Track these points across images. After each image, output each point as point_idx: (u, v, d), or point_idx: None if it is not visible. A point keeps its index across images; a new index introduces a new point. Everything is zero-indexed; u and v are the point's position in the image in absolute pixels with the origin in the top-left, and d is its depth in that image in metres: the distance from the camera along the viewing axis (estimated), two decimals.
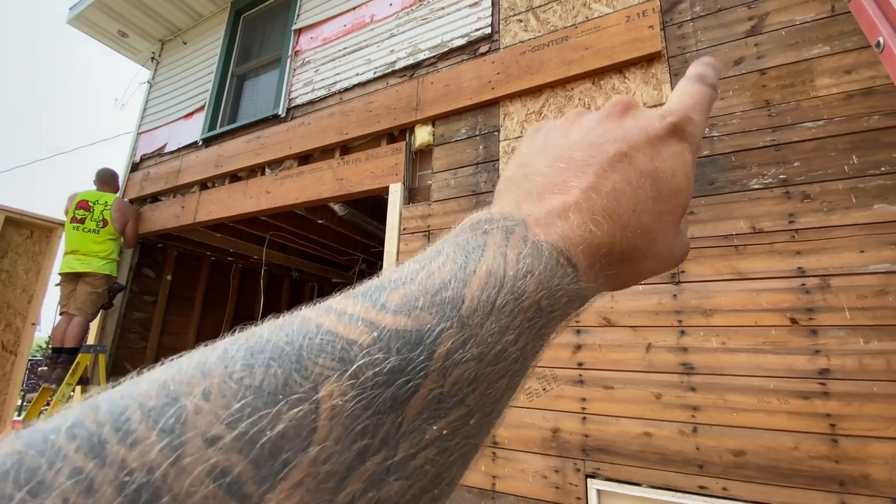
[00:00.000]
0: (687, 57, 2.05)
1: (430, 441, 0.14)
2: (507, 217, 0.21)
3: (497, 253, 0.19)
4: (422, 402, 0.14)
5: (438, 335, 0.15)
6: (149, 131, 4.68)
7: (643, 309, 1.82)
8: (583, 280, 0.21)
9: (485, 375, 0.16)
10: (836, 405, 1.48)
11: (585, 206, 0.22)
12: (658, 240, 0.24)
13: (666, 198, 0.24)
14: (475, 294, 0.17)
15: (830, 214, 1.63)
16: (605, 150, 0.24)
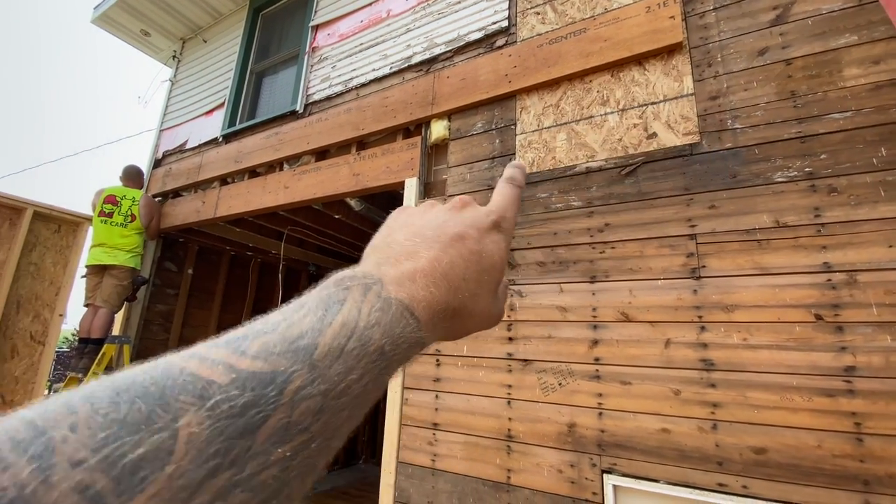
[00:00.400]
0: (709, 48, 2.01)
1: (274, 461, 0.17)
2: (368, 276, 0.26)
3: (353, 307, 0.23)
4: (271, 429, 0.17)
5: (290, 376, 0.18)
6: (171, 128, 4.78)
7: (662, 304, 1.80)
8: (423, 330, 0.26)
9: (329, 408, 0.19)
10: (862, 403, 1.44)
11: (430, 271, 0.28)
12: (480, 302, 0.31)
13: (487, 271, 0.31)
14: (328, 342, 0.21)
15: (858, 208, 1.58)
16: (447, 232, 0.31)
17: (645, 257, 1.89)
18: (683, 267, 1.80)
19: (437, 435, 2.16)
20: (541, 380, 1.97)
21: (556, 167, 2.24)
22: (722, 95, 1.92)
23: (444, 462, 2.10)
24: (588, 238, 2.04)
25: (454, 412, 2.15)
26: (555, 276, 2.08)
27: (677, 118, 1.99)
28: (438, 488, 2.08)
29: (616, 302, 1.90)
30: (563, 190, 2.19)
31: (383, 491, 2.23)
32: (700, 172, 1.88)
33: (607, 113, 2.18)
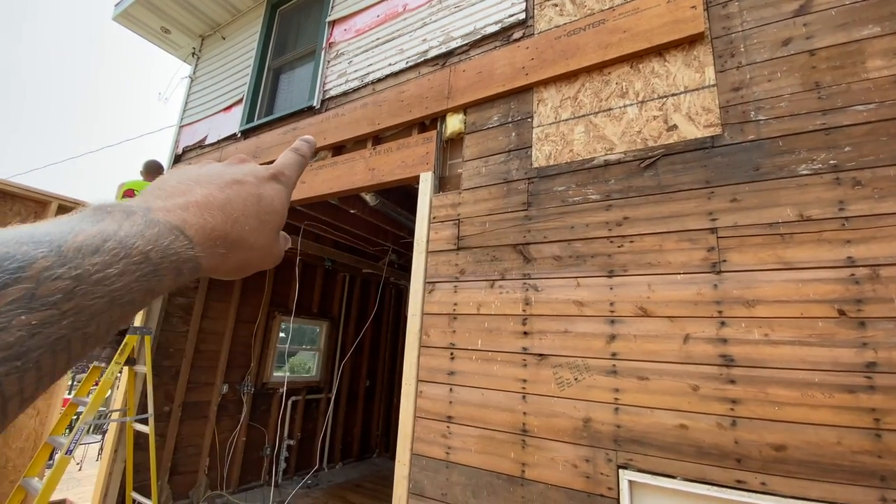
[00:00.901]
0: (732, 38, 1.97)
1: (17, 325, 0.19)
2: (131, 205, 0.28)
3: (112, 222, 0.25)
4: (13, 296, 0.19)
5: (32, 259, 0.20)
6: (190, 124, 4.87)
7: (681, 299, 1.78)
8: (196, 249, 0.29)
9: (83, 292, 0.22)
10: (882, 399, 1.41)
11: (204, 203, 0.31)
12: (261, 239, 0.35)
13: (267, 212, 0.36)
14: (81, 240, 0.23)
15: (882, 202, 1.54)
16: (224, 176, 0.35)
17: (664, 251, 1.87)
18: (704, 261, 1.78)
19: (451, 428, 2.18)
20: (556, 374, 1.97)
21: (573, 160, 2.22)
22: (745, 86, 1.89)
23: (459, 455, 2.11)
24: (606, 232, 2.03)
25: (468, 405, 2.16)
26: (571, 270, 2.07)
27: (698, 110, 1.96)
28: (452, 480, 2.09)
29: (634, 297, 1.88)
30: (580, 183, 2.17)
31: (397, 483, 2.25)
32: (722, 165, 1.85)
33: (626, 105, 2.16)
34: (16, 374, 0.19)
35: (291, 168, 0.42)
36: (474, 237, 2.42)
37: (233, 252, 0.33)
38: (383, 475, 6.11)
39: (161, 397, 4.42)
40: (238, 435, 5.15)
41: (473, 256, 2.38)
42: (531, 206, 2.28)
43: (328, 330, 6.46)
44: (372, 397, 7.27)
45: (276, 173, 0.39)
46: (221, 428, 5.03)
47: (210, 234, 0.30)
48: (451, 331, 2.33)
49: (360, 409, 6.90)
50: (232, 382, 5.18)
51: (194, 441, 4.81)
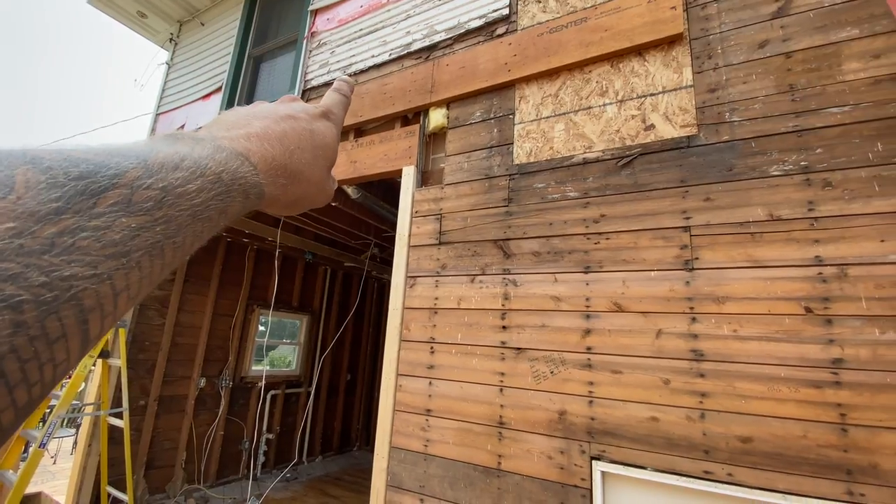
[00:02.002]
0: (710, 39, 2.00)
1: (119, 226, 0.20)
2: (197, 135, 0.29)
3: (184, 146, 0.26)
4: (112, 200, 0.20)
5: (124, 167, 0.22)
6: (167, 112, 4.74)
7: (655, 295, 1.82)
8: (260, 176, 0.31)
9: (170, 203, 0.23)
10: (848, 395, 1.46)
11: (263, 134, 0.33)
12: (316, 173, 0.37)
13: (320, 147, 0.38)
14: (161, 158, 0.24)
15: (852, 203, 1.59)
16: (279, 111, 0.36)
17: (639, 248, 1.90)
18: (677, 259, 1.81)
19: (429, 421, 2.19)
20: (533, 368, 1.99)
21: (553, 157, 2.24)
22: (721, 88, 1.92)
23: (437, 447, 2.13)
24: (583, 229, 2.05)
25: (447, 399, 2.17)
26: (549, 266, 2.09)
27: (675, 110, 1.99)
28: (430, 473, 2.11)
29: (609, 292, 1.91)
30: (559, 180, 2.19)
31: (376, 475, 2.25)
32: (696, 165, 1.88)
33: (606, 104, 2.18)
34: (123, 269, 0.21)
35: (338, 107, 0.43)
36: (456, 232, 2.42)
37: (292, 184, 0.34)
38: (363, 468, 6.11)
39: (136, 391, 4.33)
40: (216, 429, 5.08)
41: (455, 251, 2.39)
42: (512, 202, 2.29)
43: (309, 324, 6.40)
44: (353, 391, 7.24)
45: (325, 111, 0.41)
46: (199, 422, 4.96)
47: (271, 163, 0.32)
48: (431, 325, 2.33)
49: (341, 403, 6.88)
50: (210, 376, 5.10)
51: (171, 435, 4.73)
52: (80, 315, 0.19)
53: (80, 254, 0.19)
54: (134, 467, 4.11)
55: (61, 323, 0.18)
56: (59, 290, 0.18)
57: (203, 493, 4.79)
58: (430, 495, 2.08)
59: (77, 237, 0.19)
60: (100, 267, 0.19)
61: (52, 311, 0.18)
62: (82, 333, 0.19)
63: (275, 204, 0.34)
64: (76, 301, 0.19)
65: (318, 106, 0.41)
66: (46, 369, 0.18)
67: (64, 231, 0.18)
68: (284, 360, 8.80)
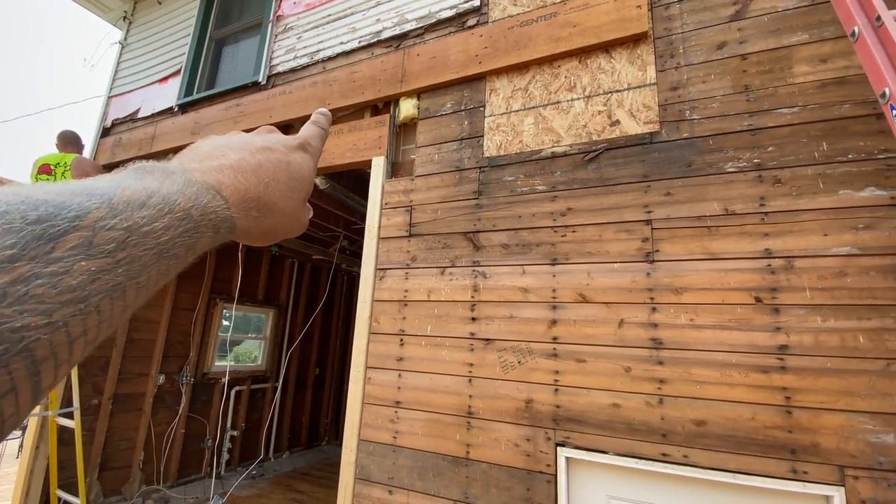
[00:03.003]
0: (672, 39, 2.07)
1: (78, 270, 0.20)
2: (168, 167, 0.29)
3: (153, 180, 0.26)
4: (72, 243, 0.20)
5: (86, 208, 0.21)
6: (121, 95, 4.48)
7: (618, 286, 1.88)
8: (232, 209, 0.30)
9: (134, 243, 0.23)
10: (793, 379, 1.56)
11: (237, 167, 0.32)
12: (290, 204, 0.37)
13: (296, 178, 0.38)
14: (128, 195, 0.24)
15: (799, 199, 1.69)
16: (255, 143, 0.36)
17: (603, 241, 1.95)
18: (639, 251, 1.88)
19: (399, 413, 2.19)
20: (501, 358, 2.02)
21: (522, 151, 2.26)
22: (682, 86, 1.99)
23: (406, 439, 2.13)
24: (551, 222, 2.09)
25: (417, 390, 2.17)
26: (518, 258, 2.12)
27: (640, 107, 2.05)
28: (399, 464, 2.11)
29: (575, 284, 1.96)
30: (528, 174, 2.21)
31: (344, 468, 2.24)
32: (658, 160, 1.95)
33: (574, 99, 2.21)
34: (80, 315, 0.20)
35: (316, 139, 0.44)
36: (426, 224, 2.41)
37: (264, 216, 0.34)
38: (332, 462, 6.06)
39: (89, 389, 4.12)
40: (176, 427, 4.91)
41: (425, 243, 2.38)
42: (482, 194, 2.30)
43: (275, 318, 6.26)
44: (322, 385, 7.15)
45: (303, 143, 0.41)
46: (158, 420, 4.77)
47: (244, 195, 0.32)
48: (401, 317, 2.32)
49: (309, 398, 6.78)
50: (169, 373, 4.91)
51: (127, 435, 4.53)
52: (31, 367, 0.18)
53: (33, 302, 0.18)
54: (87, 469, 3.92)
55: (11, 377, 0.17)
56: (8, 342, 0.17)
57: (163, 494, 4.62)
58: (399, 486, 2.09)
59: (31, 285, 0.18)
60: (55, 315, 0.19)
61: (1, 364, 0.17)
62: (33, 385, 0.19)
63: (247, 235, 0.34)
64: (27, 353, 0.18)
65: (295, 137, 0.41)
66: None
67: (17, 279, 0.18)
68: (250, 354, 8.58)
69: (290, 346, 6.09)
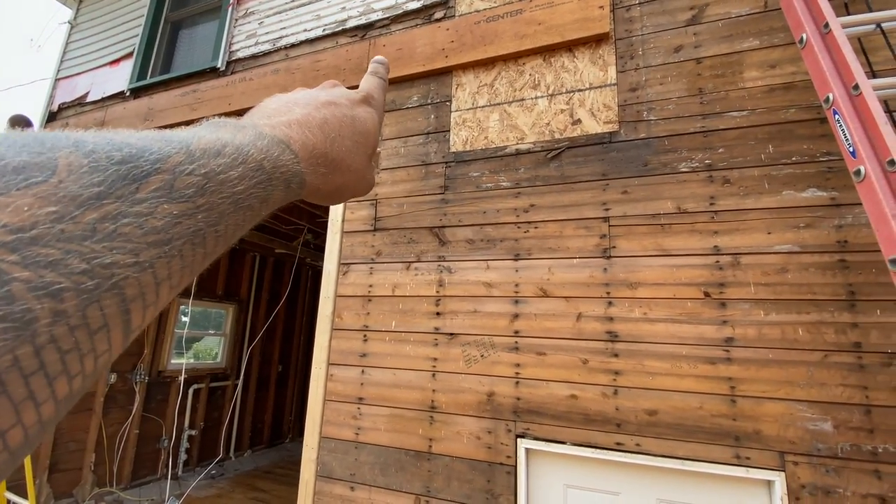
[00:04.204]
0: (633, 41, 2.12)
1: (161, 213, 0.20)
2: (239, 122, 0.29)
3: (226, 132, 0.26)
4: (154, 185, 0.20)
5: (166, 152, 0.21)
6: (69, 77, 4.21)
7: (576, 281, 1.92)
8: (301, 164, 0.30)
9: (212, 190, 0.23)
10: (737, 370, 1.65)
11: (304, 121, 0.32)
12: (357, 160, 0.36)
13: (361, 133, 0.37)
14: (204, 144, 0.24)
15: (745, 198, 1.78)
16: (319, 98, 0.35)
17: (564, 237, 1.99)
18: (596, 247, 1.93)
19: (361, 409, 2.17)
20: (465, 352, 2.04)
21: (488, 147, 2.27)
22: (640, 88, 2.05)
23: (368, 435, 2.12)
24: (514, 217, 2.11)
25: (380, 386, 2.16)
26: (482, 253, 2.13)
27: (600, 106, 2.09)
28: (361, 460, 2.10)
29: (536, 278, 1.99)
30: (493, 170, 2.23)
31: (304, 466, 2.20)
32: (616, 160, 2.00)
33: (538, 97, 2.24)
34: (165, 258, 0.20)
35: (379, 91, 0.42)
36: (392, 218, 2.39)
37: (333, 173, 0.33)
38: (296, 460, 5.95)
39: None
40: (130, 427, 4.70)
41: (390, 238, 2.36)
42: (448, 189, 2.30)
43: (235, 313, 6.07)
44: (285, 382, 7.00)
45: (366, 96, 0.40)
46: (109, 421, 4.55)
47: (312, 151, 0.31)
48: (365, 313, 2.30)
49: (272, 395, 6.62)
50: (121, 371, 4.69)
51: (76, 436, 4.31)
52: (121, 304, 0.18)
53: (121, 240, 0.18)
54: (35, 471, 3.70)
55: (103, 313, 0.17)
56: (100, 277, 0.17)
57: (116, 496, 4.42)
58: (361, 482, 2.07)
59: (119, 223, 0.18)
60: (141, 255, 0.19)
61: (94, 299, 0.17)
62: (124, 324, 0.19)
63: (316, 193, 0.33)
64: (118, 290, 0.18)
65: (358, 91, 0.40)
66: (87, 360, 0.17)
67: (106, 217, 0.18)
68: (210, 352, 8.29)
69: (252, 342, 5.93)
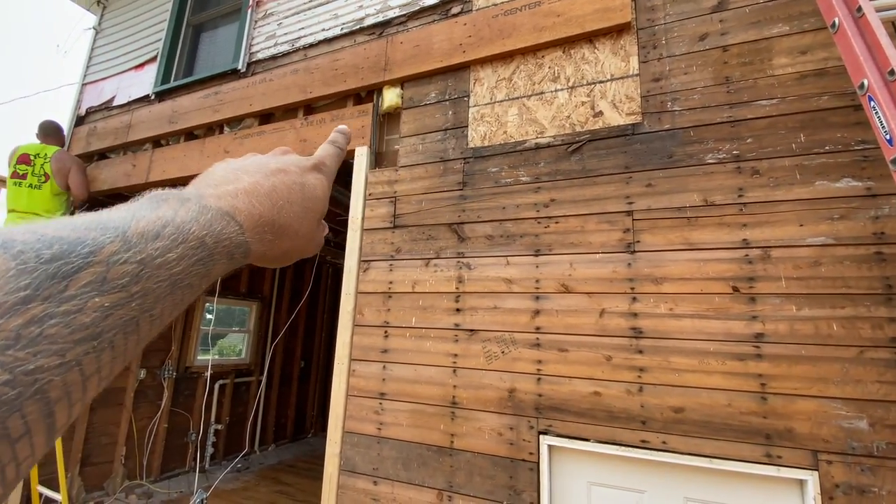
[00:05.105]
0: (655, 30, 2.07)
1: (91, 307, 0.20)
2: (183, 194, 0.29)
3: (168, 209, 0.26)
4: (86, 280, 0.20)
5: (101, 244, 0.21)
6: (95, 82, 4.34)
7: (599, 276, 1.89)
8: (247, 234, 0.30)
9: (147, 275, 0.22)
10: (768, 366, 1.60)
11: (252, 190, 0.32)
12: (305, 226, 0.37)
13: (310, 199, 0.37)
14: (142, 227, 0.23)
15: (776, 190, 1.72)
16: (269, 166, 0.36)
17: (586, 232, 1.97)
18: (620, 242, 1.89)
19: (383, 404, 2.19)
20: (485, 348, 2.03)
21: (507, 142, 2.25)
22: (664, 78, 2.00)
23: (390, 430, 2.14)
24: (535, 213, 2.09)
25: (401, 382, 2.17)
26: (502, 249, 2.12)
27: (622, 98, 2.05)
28: (384, 455, 2.12)
29: (557, 274, 1.97)
30: (512, 165, 2.21)
31: (328, 461, 2.24)
32: (640, 152, 1.96)
33: (557, 90, 2.21)
34: (94, 353, 0.20)
35: (331, 159, 0.44)
36: (411, 215, 2.40)
37: (279, 239, 0.34)
38: (319, 454, 6.05)
39: None
40: (159, 421, 4.85)
41: (409, 235, 2.37)
42: (466, 185, 2.29)
43: (259, 310, 6.19)
44: (307, 378, 7.12)
45: (317, 163, 0.41)
46: (140, 415, 4.71)
47: (258, 220, 0.31)
48: (385, 309, 2.31)
49: (295, 391, 6.74)
50: (150, 367, 4.84)
51: (108, 430, 4.46)
52: (45, 409, 0.18)
53: (47, 343, 0.18)
54: (67, 465, 3.86)
55: (24, 420, 0.17)
56: (22, 386, 0.17)
57: (146, 489, 4.57)
58: (384, 477, 2.09)
59: (45, 325, 0.18)
60: (68, 354, 0.18)
61: (15, 409, 0.17)
62: (47, 427, 0.18)
63: (262, 259, 0.34)
64: (41, 395, 0.17)
65: (310, 158, 0.41)
66: (9, 469, 0.17)
67: (31, 321, 0.18)
68: (234, 348, 8.48)
69: (275, 338, 6.04)
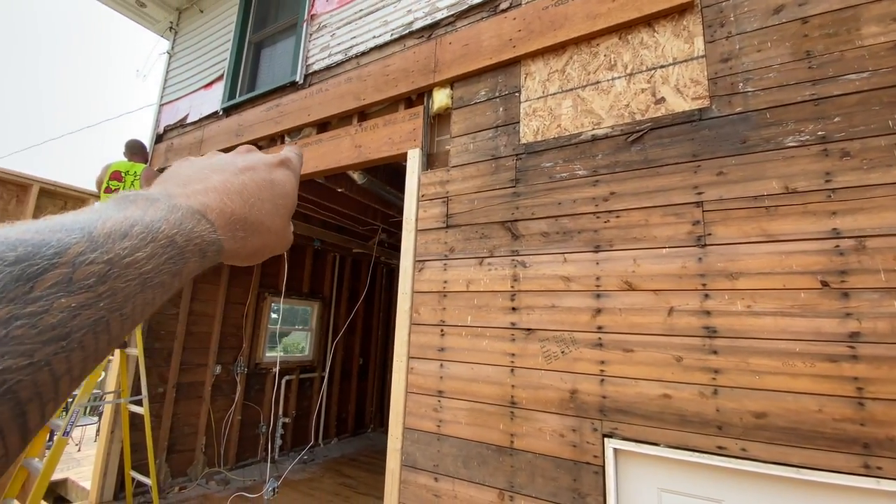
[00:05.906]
0: (722, 6, 1.93)
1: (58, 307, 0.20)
2: (151, 194, 0.29)
3: (137, 209, 0.26)
4: (52, 281, 0.20)
5: (66, 245, 0.21)
6: (170, 102, 4.72)
7: (666, 273, 1.79)
8: (219, 232, 0.30)
9: (116, 275, 0.22)
10: (865, 368, 1.44)
11: (222, 188, 0.32)
12: (276, 222, 0.37)
13: (280, 195, 0.38)
14: (109, 226, 0.23)
15: (871, 172, 1.54)
16: (237, 164, 0.36)
17: (649, 226, 1.87)
18: (689, 235, 1.78)
19: (441, 402, 2.21)
20: (543, 348, 1.99)
21: (561, 135, 2.19)
22: (734, 57, 1.86)
23: (450, 427, 2.15)
24: (593, 207, 2.02)
25: (459, 380, 2.18)
26: (558, 246, 2.07)
27: (687, 82, 1.93)
28: (444, 452, 2.14)
29: (620, 271, 1.89)
30: (567, 159, 2.15)
31: (390, 456, 2.29)
32: (709, 138, 1.83)
33: (614, 78, 2.12)
34: (63, 353, 0.20)
35: (295, 157, 0.45)
36: (463, 215, 2.40)
37: (251, 236, 0.34)
38: (378, 449, 6.23)
39: (155, 379, 4.43)
40: (233, 414, 5.20)
41: (462, 234, 2.37)
42: (519, 182, 2.26)
43: (320, 310, 6.47)
44: (365, 375, 7.35)
45: (283, 160, 0.42)
46: (216, 407, 5.07)
47: (230, 217, 0.32)
48: (441, 308, 2.33)
49: (354, 387, 6.99)
50: (225, 363, 5.20)
51: (190, 421, 4.85)
52: (16, 409, 0.18)
53: (13, 344, 0.18)
54: (156, 452, 4.23)
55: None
56: None
57: (224, 476, 4.93)
58: (445, 474, 2.11)
59: (10, 327, 0.18)
60: (36, 355, 0.19)
61: None
62: (20, 427, 0.19)
63: (235, 256, 0.34)
64: (11, 395, 0.18)
65: (275, 156, 0.41)
66: None
67: None
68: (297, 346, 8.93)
69: (335, 337, 6.29)
